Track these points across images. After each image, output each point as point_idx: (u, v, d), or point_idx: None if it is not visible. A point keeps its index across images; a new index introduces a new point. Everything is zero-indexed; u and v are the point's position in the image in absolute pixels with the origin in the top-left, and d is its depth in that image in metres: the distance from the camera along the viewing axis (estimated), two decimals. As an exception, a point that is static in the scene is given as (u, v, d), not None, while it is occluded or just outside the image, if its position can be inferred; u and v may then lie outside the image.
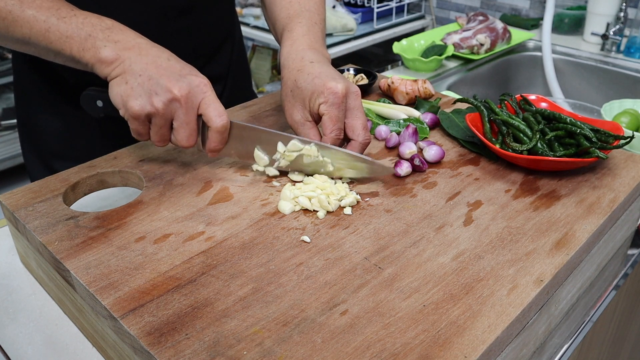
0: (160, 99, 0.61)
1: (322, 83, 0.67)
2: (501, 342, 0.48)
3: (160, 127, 0.64)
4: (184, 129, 0.64)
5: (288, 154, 0.67)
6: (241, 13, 2.60)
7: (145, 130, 0.65)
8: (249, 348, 0.46)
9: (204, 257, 0.56)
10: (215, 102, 0.64)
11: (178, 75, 0.62)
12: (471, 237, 0.59)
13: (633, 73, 1.48)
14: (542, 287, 0.52)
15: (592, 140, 0.69)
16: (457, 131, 0.79)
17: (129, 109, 0.62)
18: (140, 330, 0.47)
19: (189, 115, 0.63)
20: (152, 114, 0.62)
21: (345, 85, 0.67)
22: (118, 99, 0.63)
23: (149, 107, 0.62)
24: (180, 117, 0.63)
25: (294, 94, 0.70)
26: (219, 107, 0.64)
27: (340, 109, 0.67)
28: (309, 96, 0.68)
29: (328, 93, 0.66)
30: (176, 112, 0.63)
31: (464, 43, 1.47)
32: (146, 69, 0.62)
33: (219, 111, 0.63)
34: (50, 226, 0.60)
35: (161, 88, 0.61)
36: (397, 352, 0.45)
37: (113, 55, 0.62)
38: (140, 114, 0.62)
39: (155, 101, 0.61)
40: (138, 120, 0.63)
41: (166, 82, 0.61)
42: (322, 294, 0.51)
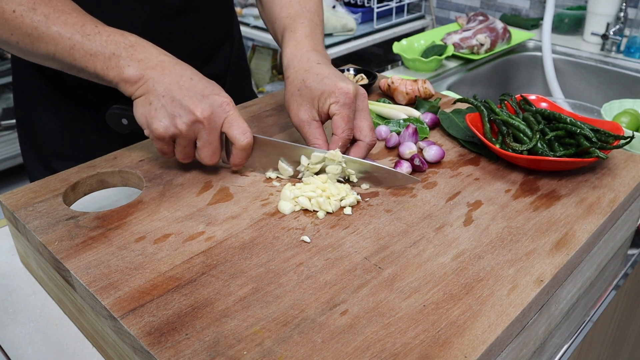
0: (183, 121, 0.62)
1: (332, 84, 0.68)
2: (501, 342, 0.48)
3: (185, 147, 0.65)
4: (207, 148, 0.65)
5: (312, 167, 0.67)
6: (241, 13, 2.60)
7: (170, 149, 0.66)
8: (249, 348, 0.46)
9: (204, 257, 0.56)
10: (238, 120, 0.65)
11: (200, 96, 0.63)
12: (471, 237, 0.59)
13: (633, 73, 1.48)
14: (542, 287, 0.52)
15: (592, 140, 0.69)
16: (457, 131, 0.79)
17: (154, 131, 0.63)
18: (140, 330, 0.47)
19: (211, 136, 0.64)
20: (176, 135, 0.63)
21: (355, 87, 0.68)
22: (142, 119, 0.64)
23: (172, 128, 0.63)
24: (203, 137, 0.64)
25: (301, 93, 0.70)
26: (242, 124, 0.65)
27: (351, 109, 0.68)
28: (319, 96, 0.68)
29: (339, 93, 0.67)
30: (199, 133, 0.64)
31: (464, 43, 1.47)
32: (169, 89, 0.63)
33: (242, 129, 0.65)
34: (50, 226, 0.60)
35: (184, 110, 0.62)
36: (397, 352, 0.45)
37: (137, 75, 0.63)
38: (164, 135, 0.63)
39: (178, 123, 0.62)
40: (163, 141, 0.64)
41: (189, 103, 0.62)
42: (322, 294, 0.51)
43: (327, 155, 0.66)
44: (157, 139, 0.64)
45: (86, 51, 0.63)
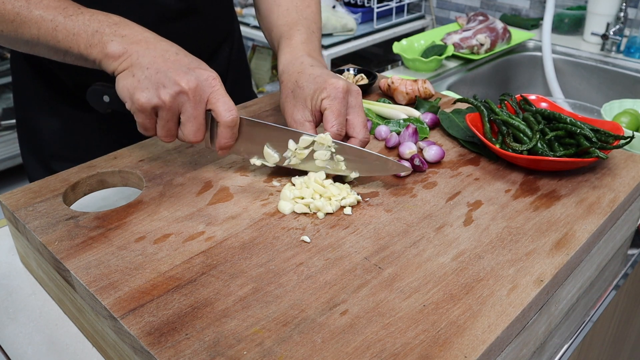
0: (168, 92, 0.61)
1: (323, 80, 0.68)
2: (501, 342, 0.48)
3: (167, 121, 0.63)
4: (191, 123, 0.63)
5: (300, 152, 0.66)
6: (241, 13, 2.60)
7: (152, 124, 0.64)
8: (249, 348, 0.46)
9: (204, 257, 0.56)
10: (224, 96, 0.63)
11: (186, 69, 0.62)
12: (471, 237, 0.59)
13: (633, 73, 1.48)
14: (542, 287, 0.52)
15: (592, 140, 0.69)
16: (457, 131, 0.79)
17: (136, 102, 0.61)
18: (140, 330, 0.47)
19: (196, 109, 0.62)
20: (159, 106, 0.62)
21: (346, 83, 0.68)
22: (125, 92, 0.62)
23: (155, 99, 0.61)
24: (187, 110, 0.62)
25: (295, 94, 0.70)
26: (228, 101, 0.63)
27: (342, 104, 0.67)
28: (311, 94, 0.68)
29: (330, 88, 0.67)
30: (184, 106, 0.62)
31: (464, 43, 1.47)
32: (154, 62, 0.61)
33: (228, 105, 0.63)
34: (50, 226, 0.60)
35: (169, 80, 0.61)
36: (397, 352, 0.45)
37: (120, 50, 0.62)
38: (146, 106, 0.61)
39: (162, 94, 0.61)
40: (144, 113, 0.62)
41: (174, 74, 0.61)
42: (322, 294, 0.51)
43: (316, 138, 0.66)
44: (139, 110, 0.62)
45: (69, 31, 0.62)
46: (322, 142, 0.66)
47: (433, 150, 0.72)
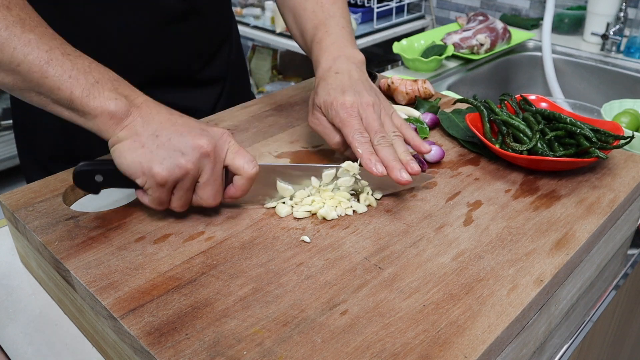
0: (189, 159, 0.56)
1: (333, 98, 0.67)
2: (501, 342, 0.48)
3: (187, 191, 0.58)
4: (211, 185, 0.58)
5: (324, 188, 0.64)
6: (241, 13, 2.60)
7: (167, 197, 0.58)
8: (249, 348, 0.46)
9: (203, 257, 0.56)
10: (241, 150, 0.60)
11: (199, 130, 0.57)
12: (471, 237, 0.59)
13: (633, 73, 1.48)
14: (542, 287, 0.52)
15: (592, 140, 0.69)
16: (457, 131, 0.79)
17: (155, 176, 0.55)
18: (140, 330, 0.47)
19: (216, 170, 0.58)
20: (182, 176, 0.56)
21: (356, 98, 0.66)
22: (136, 166, 0.55)
23: (177, 170, 0.55)
24: (207, 172, 0.57)
25: (313, 100, 0.70)
26: (246, 154, 0.60)
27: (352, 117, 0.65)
28: (322, 105, 0.68)
29: (337, 106, 0.66)
30: (204, 169, 0.57)
31: (464, 43, 1.47)
32: (161, 128, 0.56)
33: (248, 157, 0.59)
34: (50, 226, 0.60)
35: (187, 146, 0.56)
36: (397, 352, 0.45)
37: (124, 111, 0.56)
38: (168, 179, 0.55)
39: (183, 162, 0.55)
40: (164, 187, 0.56)
41: (191, 138, 0.56)
42: (322, 294, 0.51)
43: (343, 166, 0.63)
44: (158, 186, 0.56)
45: (65, 70, 0.55)
46: (348, 169, 0.63)
47: (433, 150, 0.72)
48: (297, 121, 0.83)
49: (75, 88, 0.55)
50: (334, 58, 0.72)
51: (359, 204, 0.63)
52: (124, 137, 0.56)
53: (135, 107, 0.57)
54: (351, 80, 0.69)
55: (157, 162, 0.55)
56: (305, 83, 0.96)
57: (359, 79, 0.70)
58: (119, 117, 0.56)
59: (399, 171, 0.61)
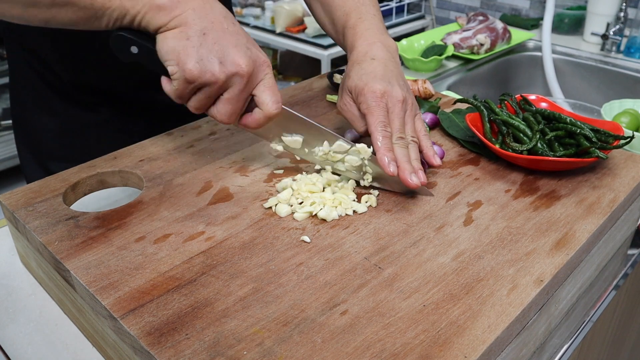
0: (224, 70, 0.56)
1: (364, 83, 0.67)
2: (501, 342, 0.48)
3: (208, 97, 0.58)
4: (232, 105, 0.59)
5: (333, 155, 0.65)
6: (241, 13, 2.60)
7: (189, 95, 0.59)
8: (249, 348, 0.46)
9: (204, 257, 0.56)
10: (273, 86, 0.60)
11: (246, 48, 0.57)
12: (471, 237, 0.59)
13: (633, 73, 1.48)
14: (542, 287, 0.52)
15: (592, 140, 0.69)
16: (457, 131, 0.79)
17: (187, 71, 0.56)
18: (140, 330, 0.47)
19: (243, 93, 0.58)
20: (210, 83, 0.57)
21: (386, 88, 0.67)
22: (172, 54, 0.56)
23: (208, 75, 0.56)
24: (234, 91, 0.58)
25: (345, 83, 0.70)
26: (277, 92, 0.60)
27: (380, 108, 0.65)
28: (354, 89, 0.68)
29: (368, 93, 0.66)
30: (233, 86, 0.58)
31: (464, 43, 1.47)
32: (212, 28, 0.56)
33: (276, 97, 0.60)
34: (50, 226, 0.60)
35: (228, 58, 0.56)
36: (397, 352, 0.45)
37: (169, 1, 0.55)
38: (197, 78, 0.56)
39: (217, 70, 0.56)
40: (191, 83, 0.57)
41: (234, 52, 0.56)
42: (322, 294, 0.51)
43: (357, 146, 0.64)
44: (186, 81, 0.56)
45: None
46: (360, 150, 0.64)
47: None
48: (297, 121, 0.83)
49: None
50: (370, 43, 0.72)
51: (360, 205, 0.63)
52: (173, 25, 0.56)
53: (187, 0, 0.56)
54: (386, 70, 0.69)
55: (194, 59, 0.56)
56: (306, 83, 0.96)
57: (394, 70, 0.70)
58: (169, 7, 0.56)
59: (409, 174, 0.62)
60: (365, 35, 0.73)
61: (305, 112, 0.85)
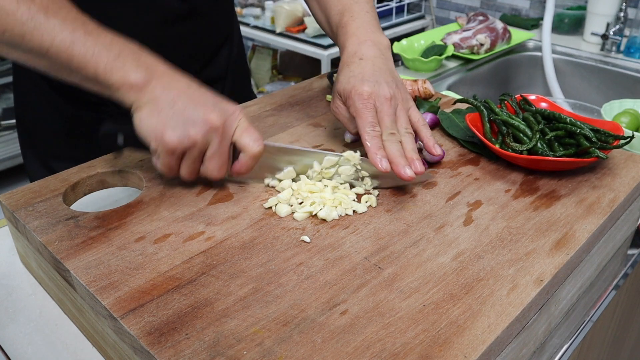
0: (198, 131, 0.59)
1: (352, 86, 0.68)
2: (501, 342, 0.48)
3: (194, 161, 0.61)
4: (216, 159, 0.61)
5: (326, 171, 0.66)
6: (241, 13, 2.60)
7: (177, 165, 0.62)
8: (249, 348, 0.46)
9: (203, 257, 0.56)
10: (249, 127, 0.62)
11: (212, 104, 0.60)
12: (471, 237, 0.59)
13: (633, 73, 1.48)
14: (542, 287, 0.52)
15: (592, 140, 0.69)
16: (457, 131, 0.79)
17: (166, 143, 0.59)
18: (140, 330, 0.47)
19: (223, 145, 0.61)
20: (189, 146, 0.60)
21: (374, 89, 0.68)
22: (150, 132, 0.59)
23: (186, 140, 0.59)
24: (214, 146, 0.61)
25: (336, 85, 0.72)
26: (254, 132, 0.62)
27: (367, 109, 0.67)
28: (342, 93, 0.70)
29: (355, 96, 0.67)
30: (211, 142, 0.60)
31: (464, 43, 1.47)
32: (178, 98, 0.59)
33: (255, 136, 0.62)
34: (50, 226, 0.60)
35: (198, 118, 0.59)
36: (397, 352, 0.45)
37: (144, 81, 0.59)
38: (177, 147, 0.59)
39: (192, 132, 0.59)
40: (173, 154, 0.60)
41: (203, 111, 0.59)
42: (322, 293, 0.51)
43: (344, 155, 0.65)
44: (168, 152, 0.59)
45: (88, 49, 0.58)
46: (349, 158, 0.65)
47: None
48: (297, 121, 0.83)
49: (99, 64, 0.58)
50: (360, 42, 0.73)
51: (360, 204, 0.63)
52: (143, 103, 0.59)
53: (156, 77, 0.59)
54: (374, 68, 0.70)
55: (169, 129, 0.58)
56: (306, 83, 0.96)
57: (382, 67, 0.71)
58: (140, 87, 0.58)
59: (402, 167, 0.63)
60: (356, 34, 0.74)
61: (305, 112, 0.85)
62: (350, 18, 0.75)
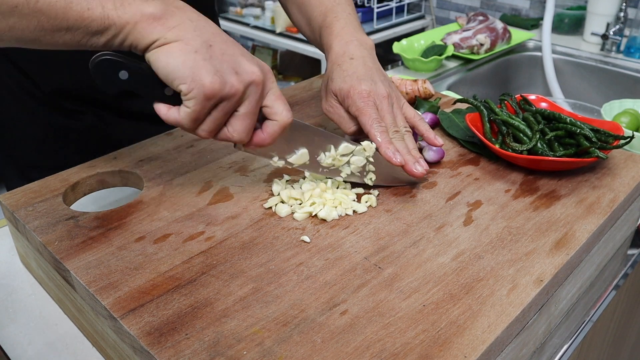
0: (242, 79, 0.52)
1: (349, 86, 0.68)
2: (501, 342, 0.48)
3: (225, 114, 0.54)
4: (248, 119, 0.55)
5: (340, 158, 0.65)
6: (241, 13, 2.60)
7: (205, 116, 0.54)
8: (249, 348, 0.46)
9: (203, 257, 0.56)
10: (282, 95, 0.57)
11: (250, 57, 0.54)
12: (471, 237, 0.59)
13: (633, 73, 1.48)
14: (542, 287, 0.52)
15: (592, 140, 0.69)
16: (457, 131, 0.79)
17: (206, 86, 0.51)
18: (140, 330, 0.47)
19: (258, 104, 0.55)
20: (229, 96, 0.52)
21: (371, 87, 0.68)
22: (185, 70, 0.50)
23: (227, 86, 0.52)
24: (251, 103, 0.54)
25: (327, 87, 0.71)
26: (286, 101, 0.58)
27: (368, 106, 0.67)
28: (339, 93, 0.69)
29: (354, 95, 0.67)
30: (248, 98, 0.54)
31: (464, 43, 1.47)
32: (214, 39, 0.52)
33: (287, 105, 0.57)
34: (50, 226, 0.60)
35: (241, 66, 0.53)
36: (397, 352, 0.45)
37: (165, 11, 0.50)
38: (217, 92, 0.51)
39: (235, 81, 0.52)
40: (210, 100, 0.52)
41: (244, 61, 0.53)
42: (322, 293, 0.51)
43: (363, 144, 0.64)
44: (205, 97, 0.51)
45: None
46: (365, 148, 0.65)
47: (433, 151, 0.72)
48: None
49: (106, 1, 0.49)
50: (347, 42, 0.72)
51: (360, 204, 0.63)
52: (172, 38, 0.50)
53: (178, 9, 0.52)
54: (366, 67, 0.70)
55: (210, 71, 0.51)
56: (305, 83, 0.96)
57: (373, 67, 0.71)
58: (163, 17, 0.50)
59: (413, 164, 0.64)
60: (341, 34, 0.74)
61: (306, 112, 0.85)
62: (335, 19, 0.75)
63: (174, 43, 0.50)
